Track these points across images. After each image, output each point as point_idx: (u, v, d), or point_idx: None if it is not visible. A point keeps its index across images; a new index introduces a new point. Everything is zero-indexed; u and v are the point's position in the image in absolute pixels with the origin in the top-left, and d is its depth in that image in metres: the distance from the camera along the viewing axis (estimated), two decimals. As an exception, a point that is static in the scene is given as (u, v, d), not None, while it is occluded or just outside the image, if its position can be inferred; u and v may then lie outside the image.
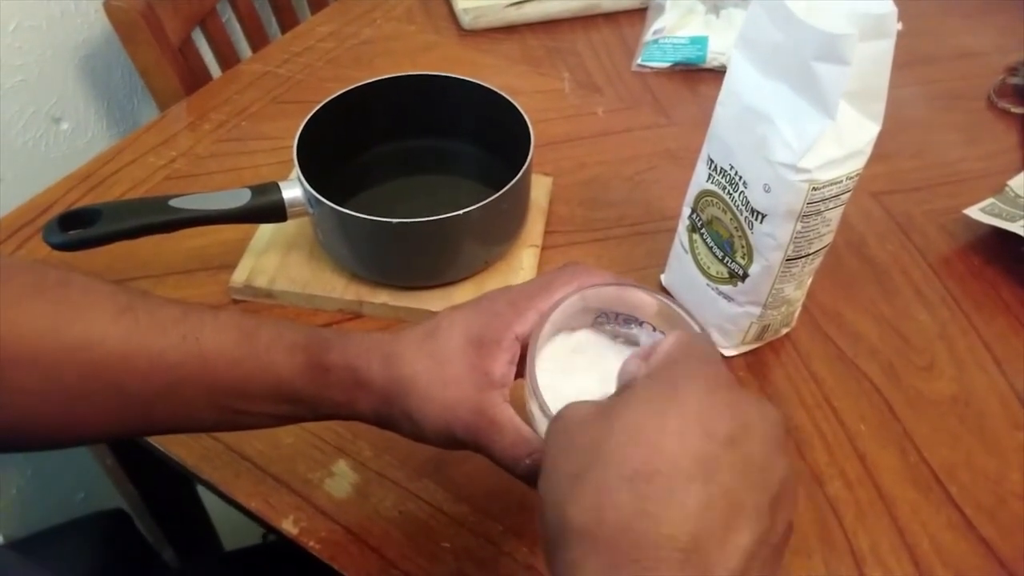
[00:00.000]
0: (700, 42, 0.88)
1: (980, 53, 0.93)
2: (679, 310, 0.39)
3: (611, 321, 0.42)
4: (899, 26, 0.45)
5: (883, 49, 0.45)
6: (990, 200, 0.71)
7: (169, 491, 0.87)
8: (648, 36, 0.91)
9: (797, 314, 0.62)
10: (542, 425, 0.37)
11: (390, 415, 0.41)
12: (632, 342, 0.43)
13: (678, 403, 0.30)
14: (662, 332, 0.41)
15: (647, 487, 0.28)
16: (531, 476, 0.38)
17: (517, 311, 0.40)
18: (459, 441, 0.39)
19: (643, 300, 0.41)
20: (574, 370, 0.41)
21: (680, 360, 0.33)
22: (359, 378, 0.40)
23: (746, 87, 0.50)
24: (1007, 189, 0.72)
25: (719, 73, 0.88)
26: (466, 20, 0.94)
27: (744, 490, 0.28)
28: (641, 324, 0.42)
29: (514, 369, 0.40)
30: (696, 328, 0.39)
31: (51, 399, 0.39)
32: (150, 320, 0.40)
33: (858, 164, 0.49)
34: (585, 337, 0.43)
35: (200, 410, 0.41)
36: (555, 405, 0.36)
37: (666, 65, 0.89)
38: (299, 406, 0.42)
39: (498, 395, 0.39)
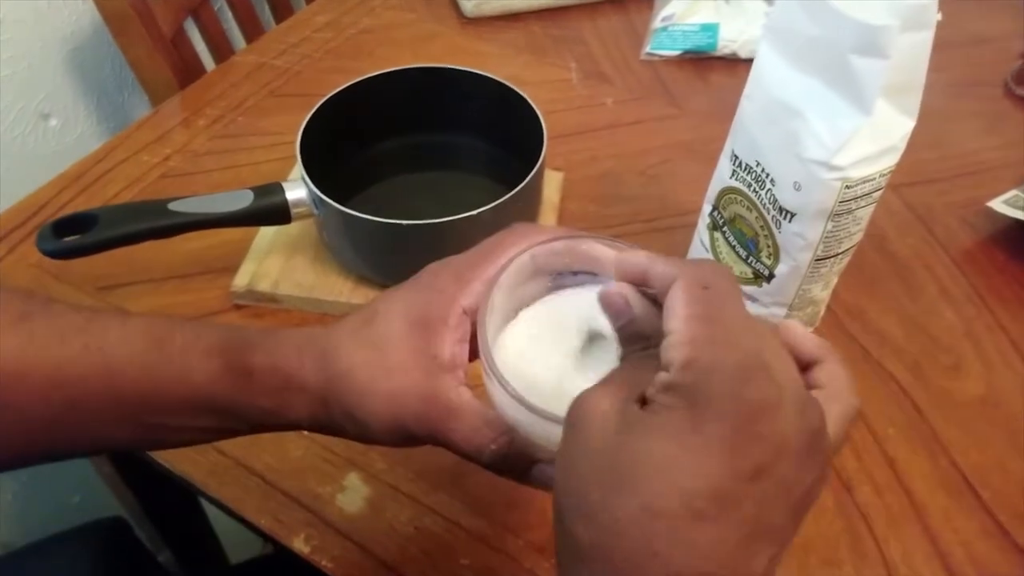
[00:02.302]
0: (711, 29, 0.86)
1: (995, 39, 0.91)
2: None
3: (569, 283, 0.38)
4: (939, 16, 0.43)
5: (922, 41, 0.43)
6: (1013, 192, 0.69)
7: (170, 500, 0.84)
8: (657, 23, 0.89)
9: (821, 314, 0.60)
10: (507, 404, 0.33)
11: (330, 418, 0.37)
12: None
13: (700, 434, 0.26)
14: None
15: (655, 524, 0.26)
16: (499, 463, 0.35)
17: (462, 283, 0.36)
18: (413, 435, 0.35)
19: (599, 251, 0.36)
20: (535, 337, 0.37)
21: (710, 371, 0.27)
22: (289, 381, 0.36)
23: (775, 80, 0.48)
24: (1030, 180, 0.70)
25: (731, 61, 0.86)
26: (468, 8, 0.92)
27: (768, 515, 0.26)
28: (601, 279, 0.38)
29: (467, 348, 0.36)
30: None
31: None
32: (48, 330, 0.36)
33: (892, 161, 0.47)
34: (540, 299, 0.38)
35: (110, 427, 0.38)
36: (518, 382, 0.32)
37: (676, 53, 0.86)
38: (223, 417, 0.38)
39: (451, 378, 0.35)
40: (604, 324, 0.34)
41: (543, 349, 0.37)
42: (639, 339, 0.32)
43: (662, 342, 0.29)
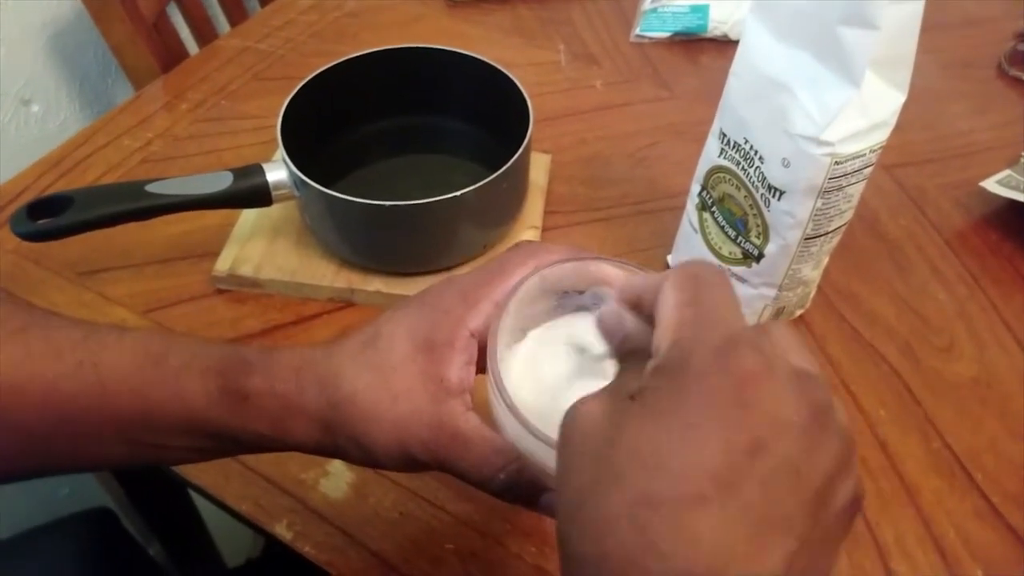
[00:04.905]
0: (701, 10, 0.85)
1: (988, 19, 0.90)
2: None
3: (576, 302, 0.38)
4: (929, -13, 0.42)
5: (912, 12, 0.42)
6: (1006, 172, 0.68)
7: (158, 491, 0.83)
8: (646, 4, 0.88)
9: (812, 295, 0.59)
10: (517, 433, 0.32)
11: (334, 443, 0.35)
12: None
13: (688, 411, 0.25)
14: None
15: (651, 516, 0.24)
16: (508, 492, 0.34)
17: (469, 304, 0.35)
18: (419, 463, 0.34)
19: (608, 273, 0.36)
20: (542, 363, 0.37)
21: (694, 346, 0.26)
22: (289, 406, 0.35)
23: (762, 55, 0.47)
24: (1023, 160, 0.69)
25: (721, 43, 0.85)
26: (455, -10, 0.90)
27: (775, 500, 0.24)
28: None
29: (473, 371, 0.35)
30: None
31: None
32: (44, 344, 0.35)
33: (882, 136, 0.46)
34: (548, 321, 0.38)
35: (108, 445, 0.36)
36: (526, 408, 0.31)
37: (666, 35, 0.85)
38: (220, 439, 0.36)
39: (458, 403, 0.34)
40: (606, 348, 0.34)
41: (552, 373, 0.36)
42: (638, 359, 0.30)
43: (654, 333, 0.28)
